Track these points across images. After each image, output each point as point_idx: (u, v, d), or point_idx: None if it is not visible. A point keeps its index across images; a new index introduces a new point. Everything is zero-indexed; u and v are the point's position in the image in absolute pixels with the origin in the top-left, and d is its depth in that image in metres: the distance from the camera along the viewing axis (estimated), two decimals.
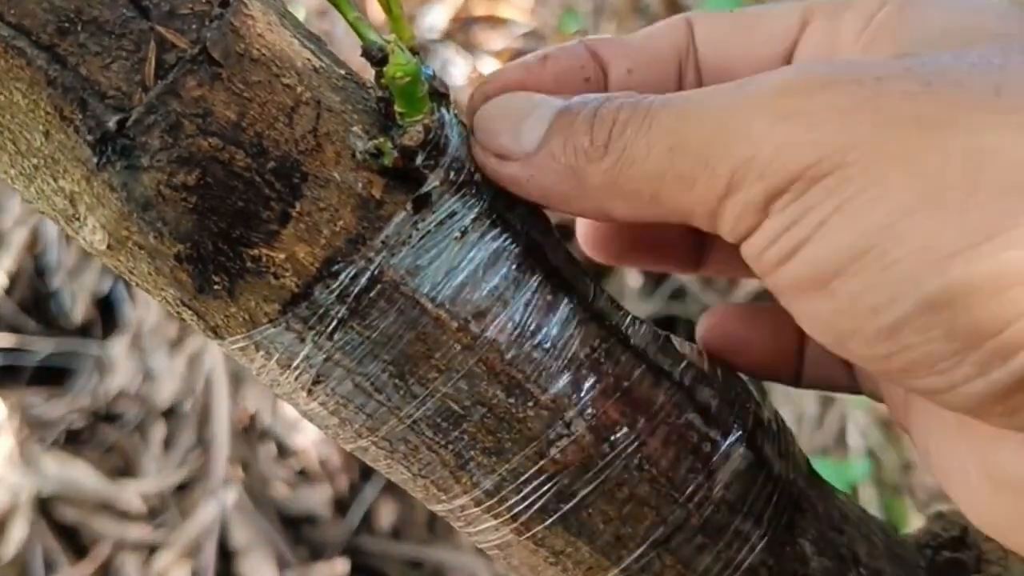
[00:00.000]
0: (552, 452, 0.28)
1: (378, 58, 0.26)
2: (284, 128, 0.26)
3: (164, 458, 1.22)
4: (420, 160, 0.27)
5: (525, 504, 0.28)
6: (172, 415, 1.24)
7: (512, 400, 0.27)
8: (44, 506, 1.17)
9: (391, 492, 1.22)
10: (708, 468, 0.29)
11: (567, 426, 0.28)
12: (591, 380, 0.28)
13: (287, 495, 1.21)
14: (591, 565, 0.29)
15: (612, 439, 0.28)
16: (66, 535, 1.18)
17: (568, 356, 0.28)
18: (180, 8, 0.25)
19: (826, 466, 1.10)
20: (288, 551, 1.17)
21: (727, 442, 0.29)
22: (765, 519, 0.29)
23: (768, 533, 0.29)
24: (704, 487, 0.29)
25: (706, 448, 0.29)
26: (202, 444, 1.21)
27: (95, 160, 0.25)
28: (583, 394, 0.28)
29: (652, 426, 0.28)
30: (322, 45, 0.28)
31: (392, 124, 0.27)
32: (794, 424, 1.15)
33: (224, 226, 0.25)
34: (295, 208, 0.26)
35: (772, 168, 0.23)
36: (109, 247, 0.26)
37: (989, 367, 0.22)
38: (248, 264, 0.26)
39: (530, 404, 0.27)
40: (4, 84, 0.24)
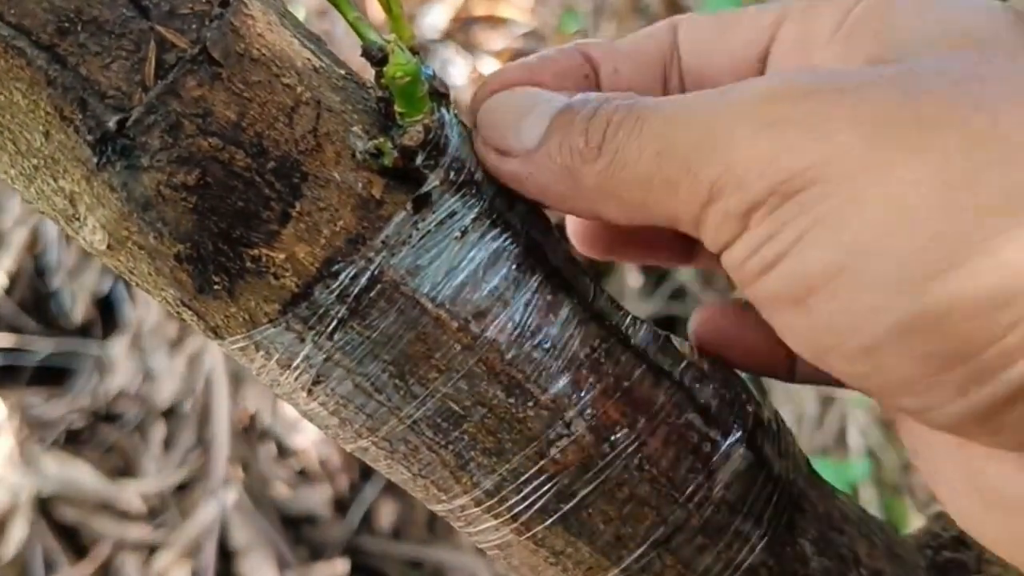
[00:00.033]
0: (552, 452, 0.28)
1: (378, 58, 0.26)
2: (284, 128, 0.25)
3: (164, 458, 1.22)
4: (420, 160, 0.27)
5: (525, 504, 0.28)
6: (172, 415, 1.24)
7: (512, 400, 0.27)
8: (44, 506, 1.17)
9: (391, 492, 1.22)
10: (708, 468, 0.29)
11: (567, 426, 0.28)
12: (591, 380, 0.28)
13: (287, 495, 1.21)
14: (591, 565, 0.29)
15: (612, 439, 0.28)
16: (66, 535, 1.18)
17: (568, 356, 0.28)
18: (180, 8, 0.25)
19: (826, 466, 1.10)
20: (288, 551, 1.17)
21: (727, 442, 0.29)
22: (765, 519, 0.29)
23: (768, 533, 0.29)
24: (704, 487, 0.29)
25: (706, 448, 0.29)
26: (202, 444, 1.21)
27: (95, 160, 0.25)
28: (583, 394, 0.28)
29: (652, 426, 0.28)
30: (322, 45, 0.28)
31: (392, 124, 0.27)
32: (794, 424, 1.15)
33: (224, 226, 0.25)
34: (295, 208, 0.26)
35: (750, 179, 0.23)
36: (109, 247, 0.26)
37: (968, 389, 0.22)
38: (248, 264, 0.26)
39: (530, 404, 0.27)
40: (4, 84, 0.24)
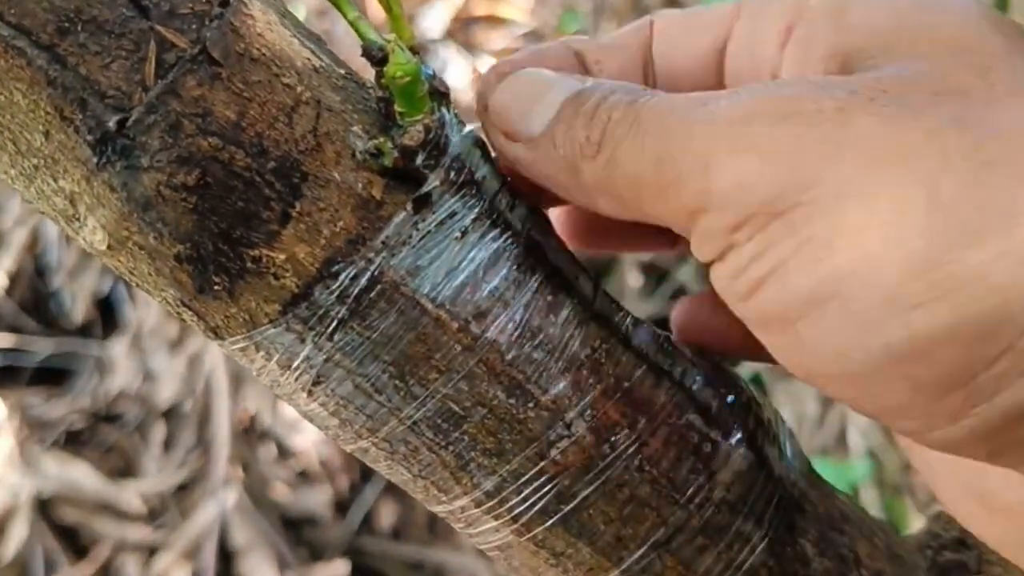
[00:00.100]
0: (553, 453, 0.28)
1: (378, 58, 0.26)
2: (284, 128, 0.25)
3: (164, 458, 1.22)
4: (420, 160, 0.27)
5: (526, 505, 0.28)
6: (172, 415, 1.24)
7: (513, 401, 0.27)
8: (44, 507, 1.17)
9: (392, 493, 1.21)
10: (709, 469, 0.29)
11: (568, 427, 0.28)
12: (592, 381, 0.28)
13: (287, 496, 1.21)
14: (592, 566, 0.29)
15: (613, 440, 0.28)
16: (66, 536, 1.18)
17: (569, 357, 0.28)
18: (180, 8, 0.25)
19: (827, 467, 1.10)
20: (288, 552, 1.17)
21: (728, 443, 0.29)
22: (766, 520, 0.29)
23: (769, 534, 0.29)
24: (705, 488, 0.29)
25: (707, 449, 0.29)
26: (202, 445, 1.21)
27: (95, 160, 0.25)
28: (584, 395, 0.28)
29: (653, 427, 0.28)
30: (322, 45, 0.28)
31: (392, 124, 0.27)
32: (795, 424, 1.15)
33: (224, 226, 0.25)
34: (295, 208, 0.26)
35: (732, 200, 0.23)
36: (109, 247, 0.26)
37: (961, 415, 0.22)
38: (248, 264, 0.26)
39: (531, 405, 0.27)
40: (4, 84, 0.24)
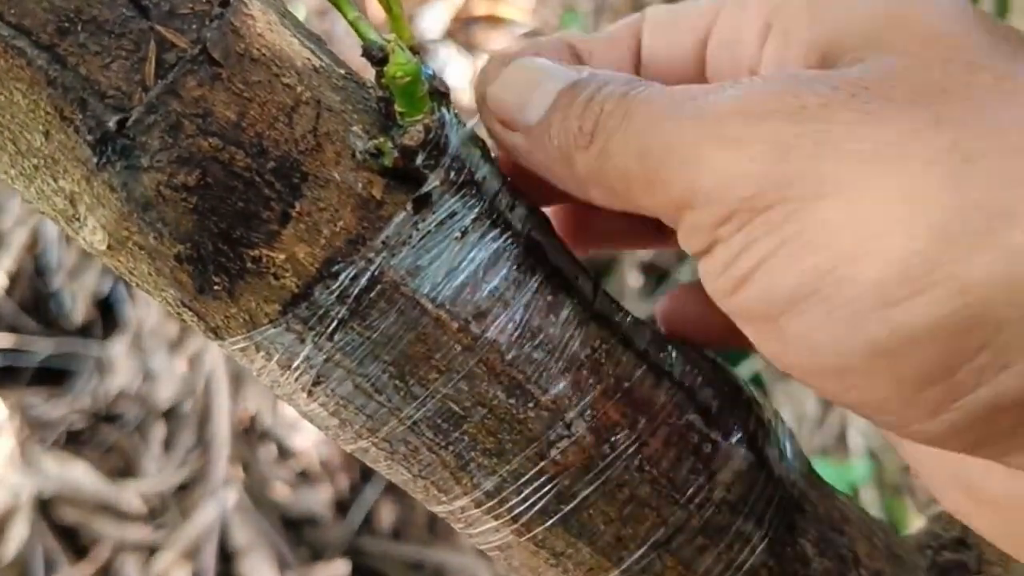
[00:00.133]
0: (553, 453, 0.28)
1: (378, 58, 0.26)
2: (284, 128, 0.25)
3: (164, 459, 1.22)
4: (420, 160, 0.27)
5: (526, 505, 0.28)
6: (172, 415, 1.24)
7: (513, 401, 0.27)
8: (44, 507, 1.17)
9: (392, 493, 1.21)
10: (709, 469, 0.29)
11: (568, 427, 0.27)
12: (592, 381, 0.28)
13: (288, 496, 1.21)
14: (592, 566, 0.29)
15: (613, 440, 0.28)
16: (66, 536, 1.18)
17: (569, 357, 0.28)
18: (180, 8, 0.25)
19: (827, 467, 1.10)
20: (289, 552, 1.17)
21: (728, 443, 0.29)
22: (766, 520, 0.29)
23: (769, 534, 0.29)
24: (705, 488, 0.29)
25: (707, 449, 0.29)
26: (202, 445, 1.21)
27: (95, 160, 0.25)
28: (584, 395, 0.28)
29: (653, 427, 0.28)
30: (322, 45, 0.28)
31: (392, 124, 0.27)
32: (794, 424, 1.15)
33: (224, 226, 0.25)
34: (295, 208, 0.26)
35: (716, 195, 0.23)
36: (109, 247, 0.26)
37: (941, 409, 0.22)
38: (248, 264, 0.26)
39: (531, 405, 0.27)
40: (4, 84, 0.24)
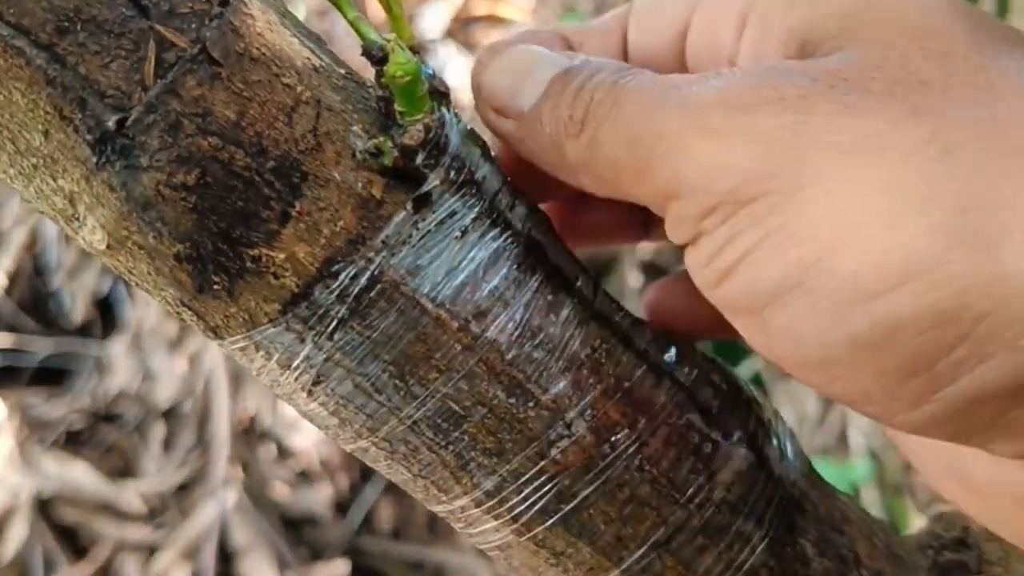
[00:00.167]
0: (553, 453, 0.28)
1: (378, 57, 0.26)
2: (284, 127, 0.25)
3: (164, 458, 1.22)
4: (420, 159, 0.26)
5: (526, 505, 0.28)
6: (172, 415, 1.24)
7: (513, 400, 0.27)
8: (44, 507, 1.17)
9: (392, 493, 1.21)
10: (709, 469, 0.29)
11: (568, 427, 0.27)
12: (592, 380, 0.28)
13: (287, 496, 1.21)
14: (592, 566, 0.29)
15: (613, 440, 0.28)
16: (66, 536, 1.18)
17: (569, 356, 0.28)
18: (180, 7, 0.25)
19: (827, 467, 1.10)
20: (288, 552, 1.17)
21: (728, 443, 0.29)
22: (766, 520, 0.29)
23: (769, 534, 0.29)
24: (705, 488, 0.28)
25: (707, 449, 0.29)
26: (202, 445, 1.21)
27: (94, 160, 0.25)
28: (584, 394, 0.28)
29: (653, 427, 0.28)
30: (322, 44, 0.28)
31: (392, 123, 0.27)
32: (795, 424, 1.15)
33: (224, 226, 0.25)
34: (295, 208, 0.26)
35: (700, 187, 0.23)
36: (108, 247, 0.26)
37: (922, 400, 0.22)
38: (248, 264, 0.26)
39: (531, 404, 0.27)
40: (3, 83, 0.24)
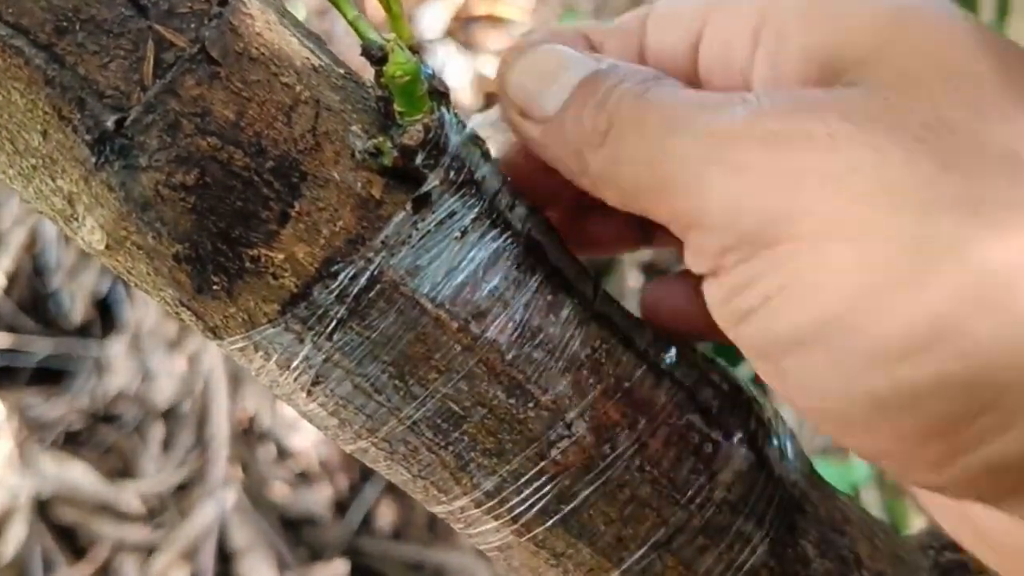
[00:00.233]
0: (553, 453, 0.27)
1: (378, 57, 0.26)
2: (283, 127, 0.25)
3: (163, 459, 1.22)
4: (420, 159, 0.26)
5: (526, 505, 0.28)
6: (171, 416, 1.24)
7: (513, 401, 0.27)
8: (43, 507, 1.17)
9: (391, 493, 1.21)
10: (710, 469, 0.29)
11: (568, 427, 0.27)
12: (592, 381, 0.28)
13: (287, 496, 1.21)
14: (592, 567, 0.29)
15: (613, 440, 0.28)
16: (65, 536, 1.18)
17: (569, 357, 0.28)
18: (178, 7, 0.25)
19: (828, 467, 1.10)
20: (288, 552, 1.17)
21: (728, 443, 0.29)
22: (767, 520, 0.29)
23: (770, 534, 0.29)
24: (705, 488, 0.28)
25: (707, 449, 0.29)
26: (201, 445, 1.21)
27: (93, 160, 0.25)
28: (584, 395, 0.28)
29: (653, 427, 0.28)
30: (321, 44, 0.28)
31: (392, 123, 0.27)
32: (795, 424, 1.15)
33: (223, 226, 0.25)
34: (294, 208, 0.26)
35: (720, 222, 0.23)
36: (107, 247, 0.26)
37: (944, 465, 0.22)
38: (247, 264, 0.26)
39: (531, 405, 0.27)
40: (2, 84, 0.24)
